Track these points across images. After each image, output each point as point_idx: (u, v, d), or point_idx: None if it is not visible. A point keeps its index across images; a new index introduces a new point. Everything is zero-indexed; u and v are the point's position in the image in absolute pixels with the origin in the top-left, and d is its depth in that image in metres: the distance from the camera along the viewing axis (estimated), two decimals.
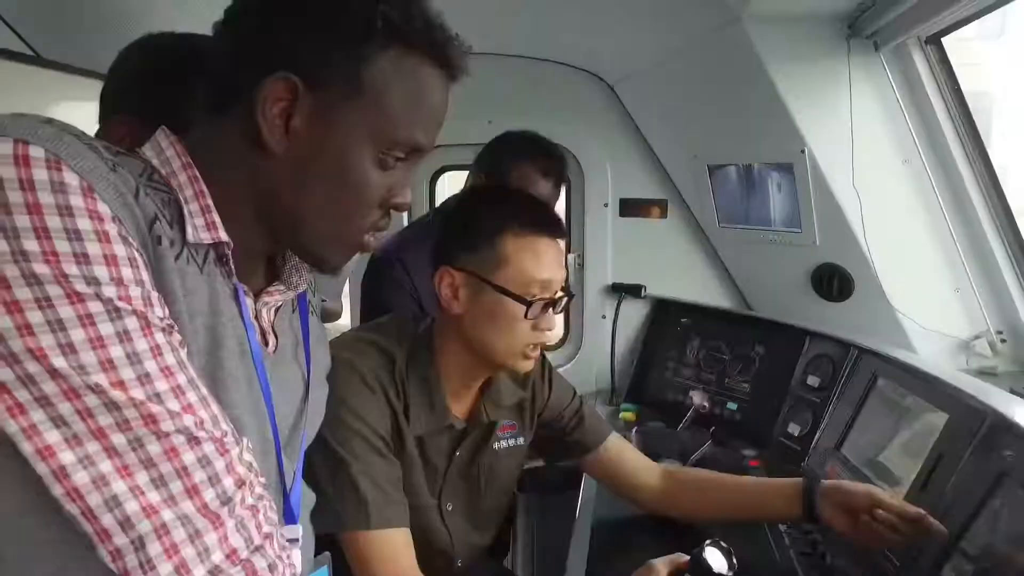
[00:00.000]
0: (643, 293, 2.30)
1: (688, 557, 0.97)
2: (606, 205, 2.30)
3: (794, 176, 1.74)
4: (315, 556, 0.88)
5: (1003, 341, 1.73)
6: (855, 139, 1.63)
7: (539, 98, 2.21)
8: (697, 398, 1.93)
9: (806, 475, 1.59)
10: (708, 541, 0.96)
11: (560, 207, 2.16)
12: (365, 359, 1.09)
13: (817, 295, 1.92)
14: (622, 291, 2.32)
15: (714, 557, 0.94)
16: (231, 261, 0.69)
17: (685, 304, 2.24)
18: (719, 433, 1.66)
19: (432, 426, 1.14)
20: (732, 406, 1.97)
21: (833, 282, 1.86)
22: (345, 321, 2.64)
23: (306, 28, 0.66)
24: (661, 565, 0.99)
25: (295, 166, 0.68)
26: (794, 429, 1.73)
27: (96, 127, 1.01)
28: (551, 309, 1.12)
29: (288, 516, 0.79)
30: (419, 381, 1.13)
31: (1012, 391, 1.56)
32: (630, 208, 2.30)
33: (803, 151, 1.68)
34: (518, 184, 1.72)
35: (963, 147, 1.68)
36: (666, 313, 2.26)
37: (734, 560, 0.94)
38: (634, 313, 2.33)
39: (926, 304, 1.76)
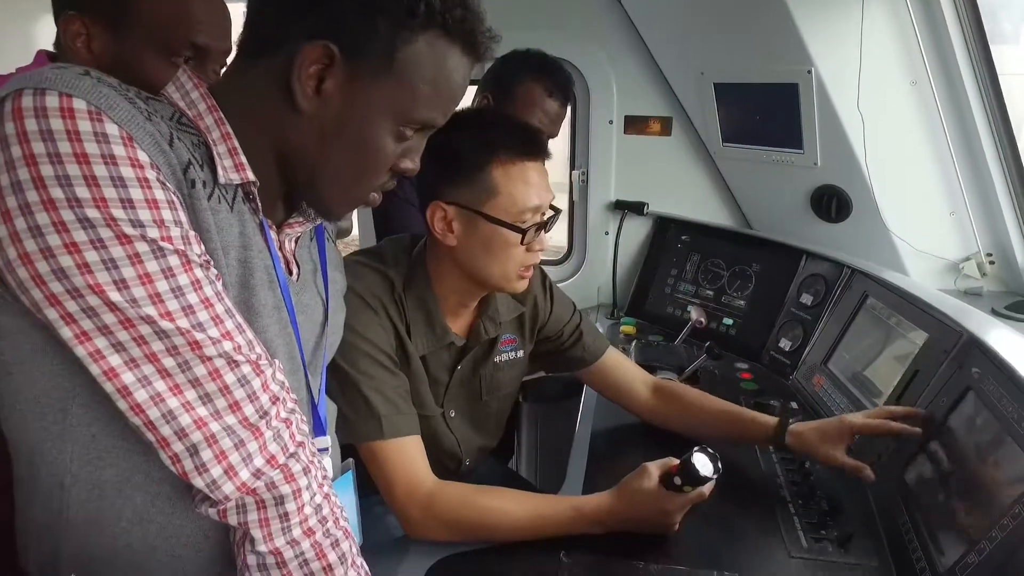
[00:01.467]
0: (645, 211, 2.32)
1: (678, 461, 1.06)
2: (611, 122, 2.29)
3: (799, 96, 1.74)
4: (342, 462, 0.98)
5: (991, 263, 1.78)
6: (863, 59, 1.62)
7: (544, 12, 2.16)
8: (695, 313, 2.00)
9: (793, 388, 1.70)
10: (696, 447, 1.05)
11: (565, 124, 2.16)
12: (364, 282, 1.14)
13: (816, 215, 1.96)
14: (625, 208, 2.35)
15: (701, 461, 1.03)
16: (257, 198, 0.74)
17: (686, 222, 2.27)
18: (714, 347, 1.73)
19: (433, 346, 1.21)
20: (728, 321, 2.04)
21: (832, 203, 1.88)
22: (356, 234, 2.73)
23: (353, 1, 0.68)
24: (654, 467, 1.08)
25: (319, 126, 0.72)
26: (785, 344, 1.82)
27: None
28: (542, 230, 1.16)
29: (317, 428, 0.88)
30: (417, 302, 1.19)
31: (993, 311, 1.64)
32: (634, 125, 2.29)
33: (810, 71, 1.67)
34: (524, 103, 1.73)
35: (973, 68, 1.67)
36: (667, 230, 2.30)
37: (719, 464, 1.03)
38: (636, 230, 2.36)
39: (920, 226, 1.80)
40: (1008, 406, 0.96)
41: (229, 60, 1.05)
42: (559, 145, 1.94)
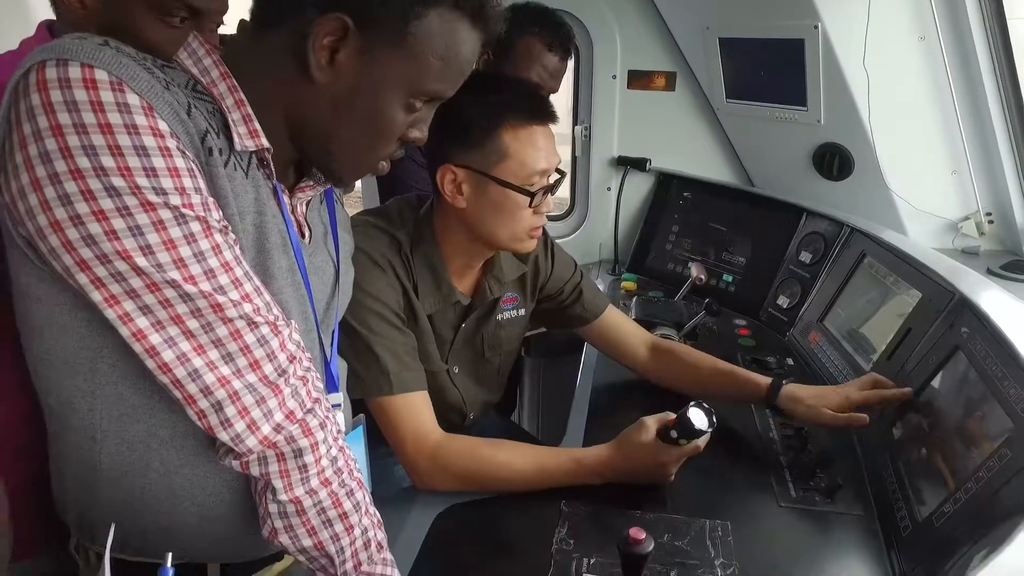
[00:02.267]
0: (647, 167, 2.33)
1: (675, 415, 1.11)
2: (614, 77, 2.28)
3: (804, 53, 1.73)
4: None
5: (991, 222, 1.80)
6: (871, 13, 1.60)
7: None
8: (695, 270, 2.03)
9: (790, 345, 1.74)
10: (692, 402, 1.09)
11: (568, 78, 2.14)
12: (373, 242, 1.17)
13: (818, 173, 1.96)
14: (627, 164, 2.35)
15: (697, 416, 1.08)
16: (271, 164, 0.76)
17: (688, 178, 2.28)
18: (713, 304, 1.77)
19: (440, 305, 1.24)
20: (728, 278, 2.07)
21: (834, 161, 1.89)
22: (359, 185, 2.72)
23: None
24: (651, 421, 1.13)
25: (332, 97, 0.74)
26: (783, 301, 1.85)
27: None
28: (549, 193, 1.18)
29: (330, 384, 0.92)
30: (424, 261, 1.21)
31: (988, 270, 1.66)
32: (638, 80, 2.28)
33: (816, 27, 1.66)
34: (523, 58, 1.72)
35: (984, 22, 1.65)
36: (669, 187, 2.31)
37: (714, 419, 1.08)
38: (638, 186, 2.37)
39: (921, 186, 1.81)
40: (992, 366, 0.99)
41: (227, 19, 1.05)
42: (562, 99, 1.93)
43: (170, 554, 0.66)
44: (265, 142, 0.74)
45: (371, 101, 0.75)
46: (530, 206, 1.15)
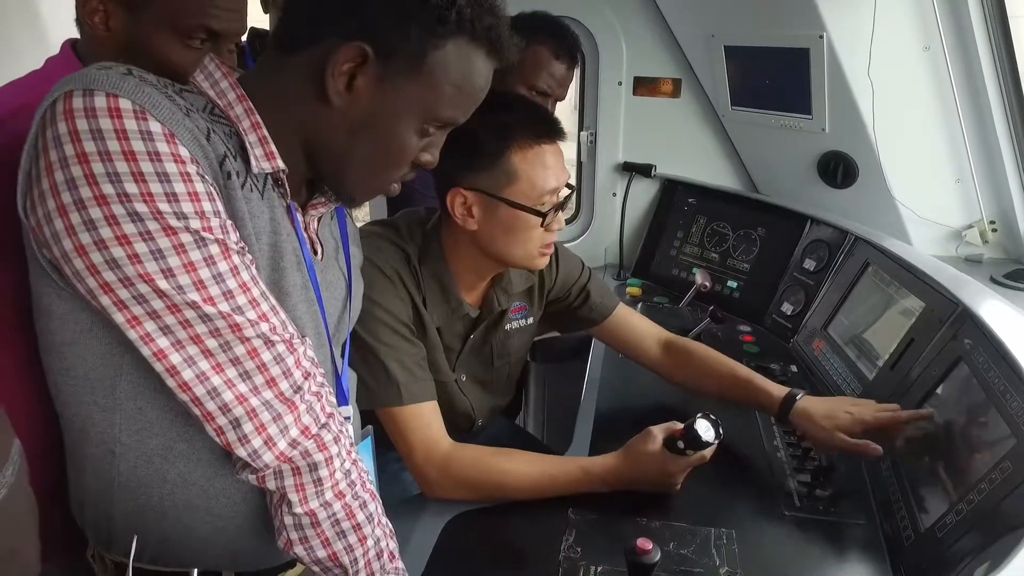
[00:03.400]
0: (653, 173, 2.34)
1: (682, 426, 1.12)
2: (620, 83, 2.29)
3: (810, 62, 1.74)
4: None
5: (994, 231, 1.80)
6: (876, 24, 1.61)
7: None
8: (700, 276, 2.05)
9: (794, 352, 1.75)
10: (699, 414, 1.11)
11: (573, 84, 2.15)
12: (382, 254, 1.18)
13: (822, 181, 1.97)
14: (632, 170, 2.36)
15: (703, 427, 1.09)
16: (286, 184, 0.78)
17: (693, 184, 2.29)
18: (717, 311, 1.78)
19: (448, 317, 1.26)
20: (732, 284, 2.08)
21: (838, 169, 1.90)
22: None
23: (390, 5, 0.71)
24: (658, 431, 1.14)
25: (349, 121, 0.75)
26: (787, 308, 1.87)
27: None
28: (560, 210, 1.19)
29: (341, 397, 0.93)
30: (433, 275, 1.23)
31: (991, 279, 1.67)
32: (643, 86, 2.29)
33: (821, 36, 1.67)
34: (531, 66, 1.73)
35: (988, 32, 1.66)
36: (674, 193, 2.32)
37: (720, 431, 1.10)
38: (643, 192, 2.38)
39: (925, 194, 1.82)
40: (995, 378, 1.01)
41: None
42: (567, 104, 1.94)
43: (196, 570, 0.68)
44: (281, 164, 0.76)
45: (386, 126, 0.76)
46: (542, 225, 1.16)
